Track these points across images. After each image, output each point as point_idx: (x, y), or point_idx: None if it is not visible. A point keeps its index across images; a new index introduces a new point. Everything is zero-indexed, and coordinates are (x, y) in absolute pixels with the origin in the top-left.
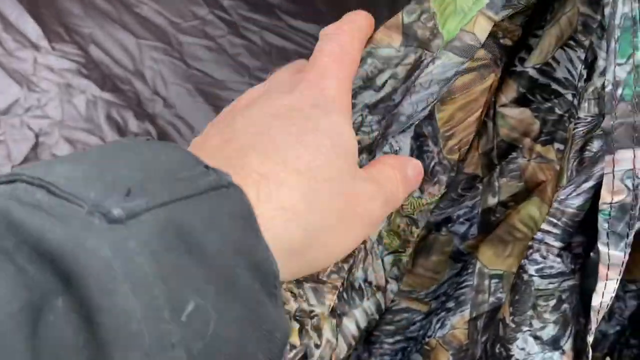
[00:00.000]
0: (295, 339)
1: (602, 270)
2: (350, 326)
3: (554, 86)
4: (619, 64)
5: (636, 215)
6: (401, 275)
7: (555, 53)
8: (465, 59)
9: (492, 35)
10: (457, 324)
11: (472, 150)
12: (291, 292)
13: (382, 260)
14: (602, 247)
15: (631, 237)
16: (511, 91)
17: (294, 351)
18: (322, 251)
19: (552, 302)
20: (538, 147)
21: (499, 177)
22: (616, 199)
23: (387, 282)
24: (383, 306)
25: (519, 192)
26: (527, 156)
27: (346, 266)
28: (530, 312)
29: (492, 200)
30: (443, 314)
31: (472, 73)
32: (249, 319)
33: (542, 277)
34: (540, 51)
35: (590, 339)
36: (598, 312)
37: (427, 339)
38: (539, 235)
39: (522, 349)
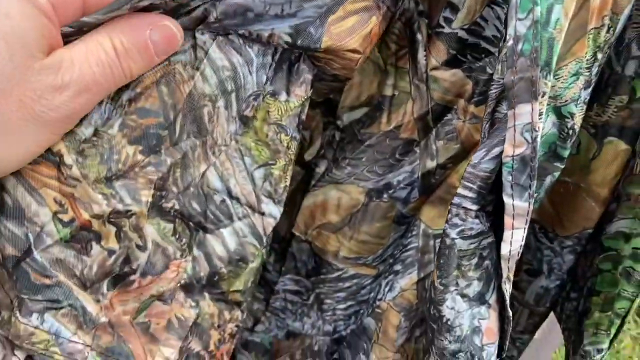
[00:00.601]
0: (113, 243)
1: (507, 220)
2: (216, 246)
3: (484, 45)
4: (520, 19)
5: (536, 167)
6: (276, 193)
7: (483, 11)
8: None
9: None
10: (406, 286)
11: (406, 116)
12: (101, 194)
13: (252, 175)
14: (507, 199)
15: (534, 188)
16: (441, 53)
17: (113, 256)
18: None
19: (474, 261)
20: (472, 108)
21: (436, 140)
22: (517, 151)
23: (259, 200)
24: (261, 231)
25: (457, 153)
26: (462, 117)
27: (169, 160)
28: (455, 273)
29: (430, 164)
30: (391, 277)
31: (355, 17)
32: None
33: (463, 238)
34: (467, 11)
35: (506, 287)
36: (508, 260)
37: (378, 303)
38: (456, 199)
39: (452, 308)
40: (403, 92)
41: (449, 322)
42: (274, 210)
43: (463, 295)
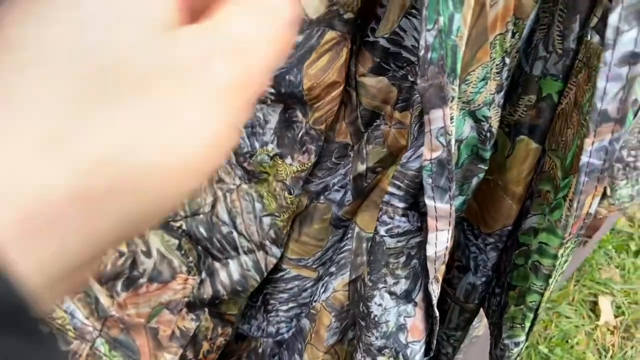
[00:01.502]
0: (122, 246)
1: (430, 222)
2: (222, 272)
3: (405, 54)
4: (428, 30)
5: (453, 170)
6: (279, 239)
7: (401, 22)
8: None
9: (336, 14)
10: (338, 287)
11: (339, 120)
12: None
13: (261, 220)
14: (428, 201)
15: (453, 190)
16: (368, 61)
17: (123, 257)
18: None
19: (402, 259)
20: (397, 114)
21: (366, 144)
22: (434, 155)
23: (263, 241)
24: (264, 267)
25: (384, 157)
26: (388, 123)
27: None
28: (384, 270)
29: (361, 167)
30: (327, 278)
31: (328, 54)
32: None
33: (391, 236)
34: (387, 21)
35: (433, 287)
36: (435, 262)
37: (313, 304)
38: (385, 197)
39: (379, 305)
40: None
41: (376, 319)
42: (276, 252)
43: (391, 293)
